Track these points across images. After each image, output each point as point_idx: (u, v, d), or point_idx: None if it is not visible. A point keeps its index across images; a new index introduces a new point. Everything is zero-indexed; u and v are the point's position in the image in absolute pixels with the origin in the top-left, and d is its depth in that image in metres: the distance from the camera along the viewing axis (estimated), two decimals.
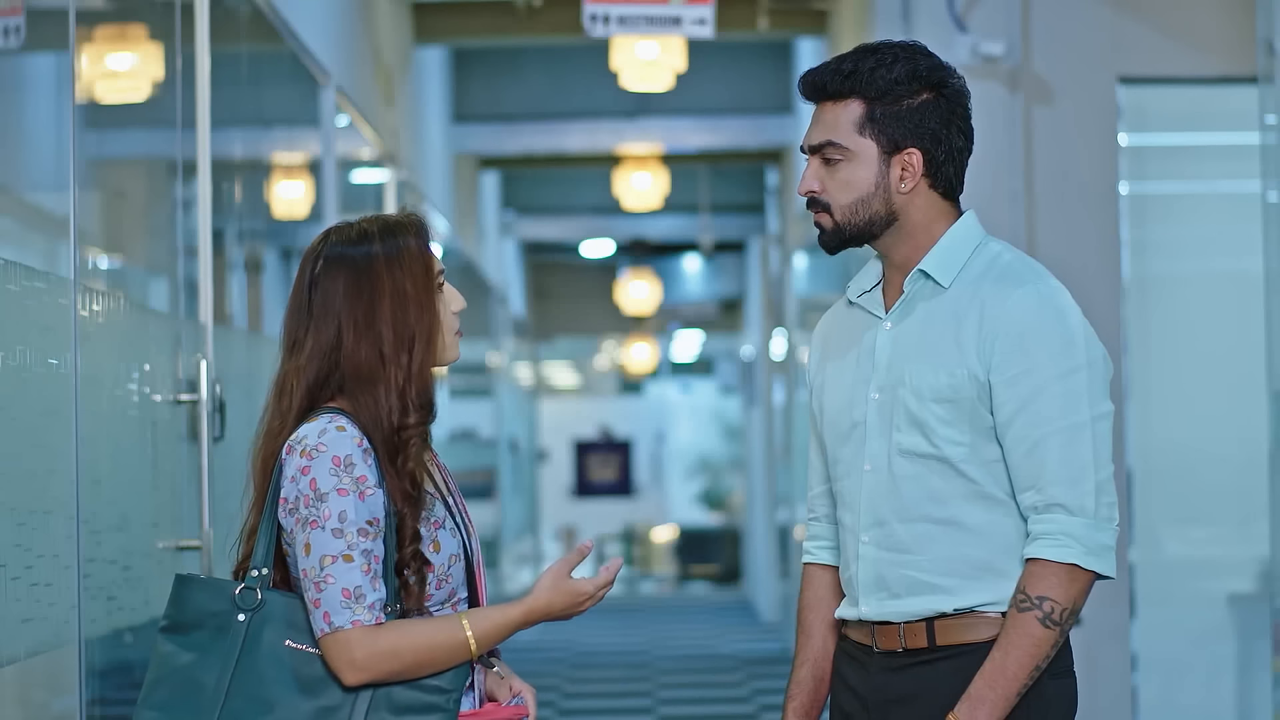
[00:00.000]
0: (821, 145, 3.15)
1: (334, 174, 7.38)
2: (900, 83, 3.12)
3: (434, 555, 3.01)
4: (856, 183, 3.14)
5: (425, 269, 3.06)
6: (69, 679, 4.11)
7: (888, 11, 7.82)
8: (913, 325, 3.16)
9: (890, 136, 3.13)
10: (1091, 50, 6.80)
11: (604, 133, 13.77)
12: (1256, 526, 6.45)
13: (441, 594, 3.04)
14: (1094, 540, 3.04)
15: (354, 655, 2.90)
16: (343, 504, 2.92)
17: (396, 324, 3.03)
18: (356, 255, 3.04)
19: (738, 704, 11.47)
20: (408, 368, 3.03)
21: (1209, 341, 7.15)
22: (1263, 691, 6.70)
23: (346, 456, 2.94)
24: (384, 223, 3.09)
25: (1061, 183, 6.78)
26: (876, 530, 3.16)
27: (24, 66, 4.31)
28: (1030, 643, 3.03)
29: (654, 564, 25.84)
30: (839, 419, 3.23)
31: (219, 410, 4.94)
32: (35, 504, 3.89)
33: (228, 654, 2.94)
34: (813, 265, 12.92)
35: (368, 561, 2.92)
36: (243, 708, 2.92)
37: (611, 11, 7.70)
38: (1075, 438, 3.05)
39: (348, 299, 3.03)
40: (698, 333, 24.43)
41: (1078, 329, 3.09)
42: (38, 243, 4.45)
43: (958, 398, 3.09)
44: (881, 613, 3.15)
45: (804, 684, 3.34)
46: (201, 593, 2.98)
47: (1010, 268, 3.14)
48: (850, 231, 3.17)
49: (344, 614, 2.90)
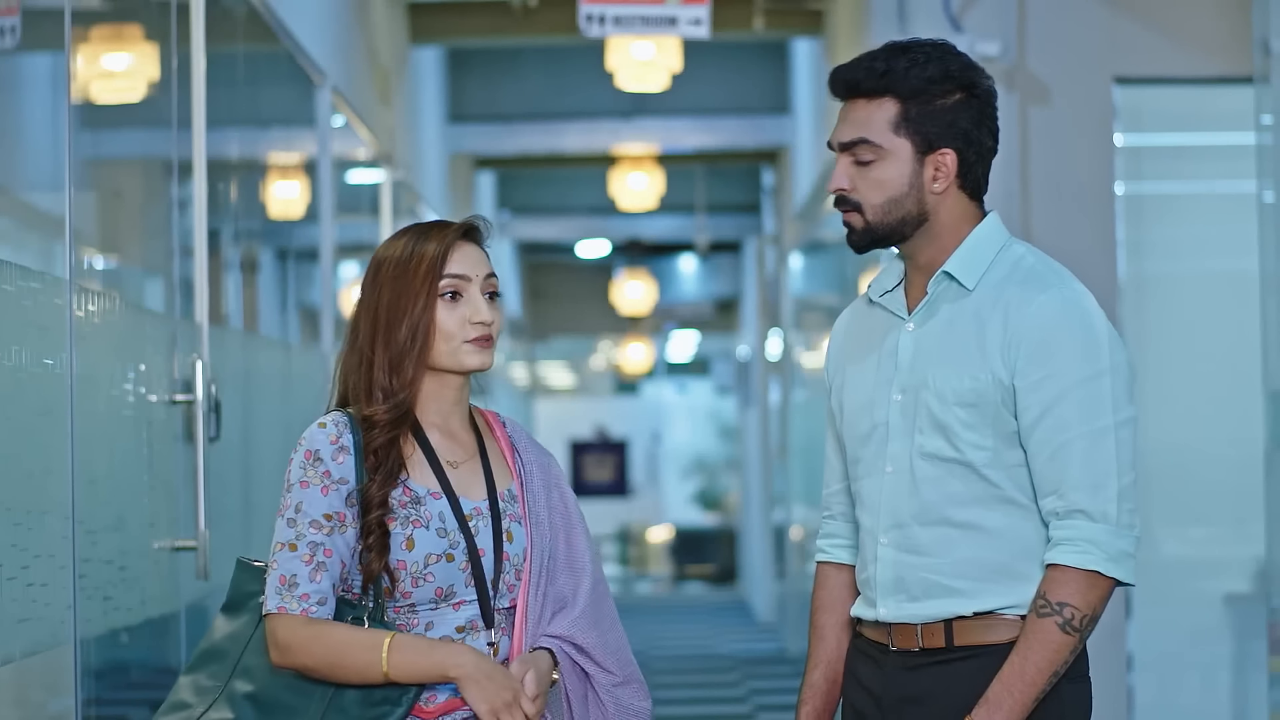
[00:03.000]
0: (854, 143, 3.14)
1: (330, 174, 7.38)
2: (934, 82, 3.10)
3: (406, 553, 3.06)
4: (890, 182, 3.12)
5: (429, 269, 3.13)
6: (65, 679, 4.10)
7: (884, 11, 7.82)
8: (936, 327, 3.14)
9: (925, 136, 3.11)
10: (1087, 50, 6.80)
11: (600, 133, 13.77)
12: (1252, 526, 6.44)
13: (424, 592, 3.07)
14: (1115, 547, 3.03)
15: (279, 639, 3.05)
16: (302, 496, 3.07)
17: (388, 320, 3.13)
18: (381, 255, 3.18)
19: (734, 704, 11.47)
20: (384, 363, 3.12)
21: (1205, 342, 7.15)
22: (1258, 691, 6.70)
23: (316, 451, 3.08)
24: (428, 227, 3.19)
25: (1057, 183, 6.78)
26: (896, 532, 3.14)
27: (19, 66, 4.30)
28: (1049, 648, 3.02)
29: (650, 564, 25.85)
30: (859, 419, 3.21)
31: (214, 410, 4.93)
32: (31, 504, 3.89)
33: (246, 630, 3.14)
34: (808, 265, 12.91)
35: (312, 553, 3.04)
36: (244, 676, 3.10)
37: (607, 12, 7.70)
38: (1098, 443, 3.04)
39: (365, 295, 3.18)
40: (693, 333, 24.44)
41: (1102, 333, 3.07)
42: (33, 243, 4.44)
43: (981, 402, 3.07)
44: (899, 615, 3.14)
45: (817, 687, 3.32)
46: (247, 575, 3.17)
47: (1034, 271, 3.13)
48: (881, 231, 3.15)
49: (274, 599, 3.05)
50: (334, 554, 3.05)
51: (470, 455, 3.20)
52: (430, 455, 3.15)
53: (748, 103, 13.69)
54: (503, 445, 3.26)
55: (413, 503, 3.10)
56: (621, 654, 3.23)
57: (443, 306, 3.14)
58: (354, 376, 3.15)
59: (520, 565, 3.16)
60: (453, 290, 3.14)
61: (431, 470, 3.13)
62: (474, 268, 3.16)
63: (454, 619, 3.10)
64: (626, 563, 26.34)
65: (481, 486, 3.17)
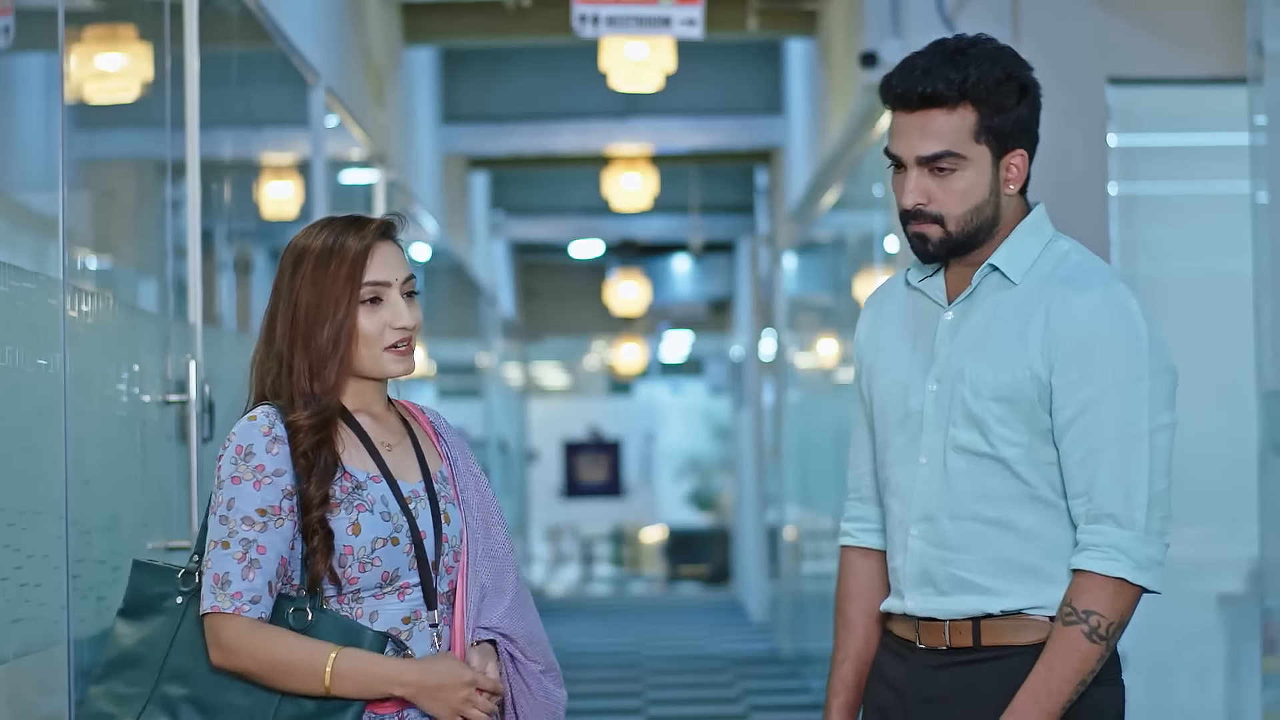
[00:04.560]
0: (939, 155, 3.07)
1: (323, 174, 7.37)
2: (1002, 83, 3.07)
3: (352, 538, 3.04)
4: (972, 191, 3.08)
5: (350, 272, 3.09)
6: (58, 679, 4.10)
7: (877, 12, 7.82)
8: (977, 319, 3.11)
9: (1001, 140, 3.08)
10: (1081, 51, 6.80)
11: (593, 133, 13.77)
12: (1246, 527, 6.45)
13: (370, 578, 3.05)
14: (1143, 554, 3.01)
15: (218, 639, 3.00)
16: (233, 492, 3.02)
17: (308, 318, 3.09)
18: (299, 245, 3.12)
19: (727, 704, 11.47)
20: (305, 366, 3.08)
21: (1198, 342, 7.15)
22: (1252, 692, 6.70)
23: (248, 446, 3.04)
24: (346, 221, 3.14)
25: (1051, 183, 6.78)
26: (926, 525, 3.11)
27: (13, 67, 4.30)
28: (1076, 658, 2.99)
29: (643, 564, 25.84)
30: (891, 405, 3.17)
31: (208, 411, 4.93)
32: (24, 504, 3.89)
33: (166, 632, 3.06)
34: (802, 266, 12.91)
35: (245, 550, 2.99)
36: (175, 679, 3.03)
37: (601, 12, 7.70)
38: (1132, 449, 3.01)
39: (283, 285, 3.12)
40: (687, 333, 24.43)
41: (1144, 336, 3.04)
42: (26, 243, 4.44)
43: (1017, 398, 3.04)
44: (927, 608, 3.11)
45: (847, 679, 3.27)
46: (151, 577, 3.11)
47: (1079, 268, 3.10)
48: (961, 239, 3.10)
49: (209, 599, 3.00)
50: (268, 550, 3.00)
51: (400, 438, 3.19)
52: (364, 439, 3.13)
53: (741, 103, 13.69)
54: (428, 430, 3.24)
55: (355, 489, 3.07)
56: (543, 643, 3.23)
57: (364, 311, 3.10)
58: (271, 377, 3.11)
59: (458, 547, 3.15)
60: (374, 295, 3.11)
61: (368, 453, 3.12)
62: (394, 271, 3.12)
63: (399, 609, 3.08)
64: (620, 563, 26.33)
65: (416, 469, 3.16)
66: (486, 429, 16.52)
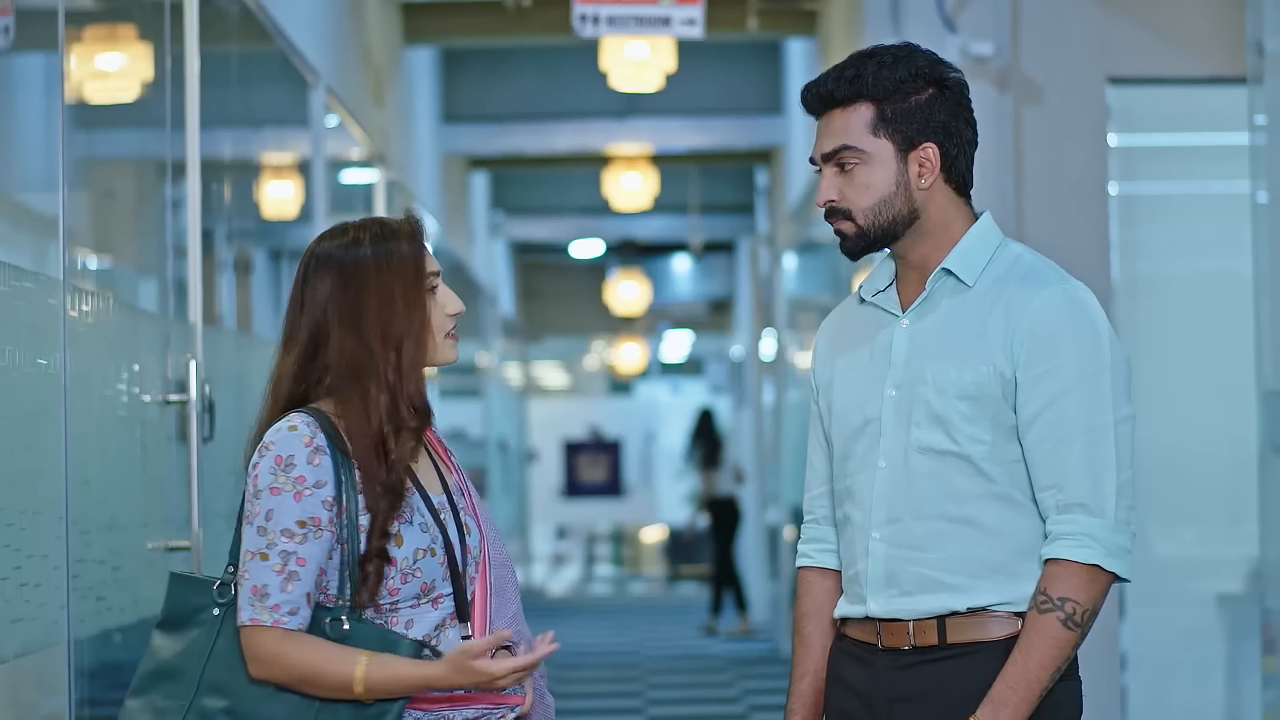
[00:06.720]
0: (836, 151, 3.14)
1: (323, 174, 7.37)
2: (905, 81, 3.12)
3: (395, 550, 3.03)
4: (876, 184, 3.14)
5: (416, 271, 3.10)
6: (58, 679, 4.10)
7: (877, 12, 7.82)
8: (934, 323, 3.15)
9: (904, 134, 3.13)
10: (1081, 51, 6.80)
11: (594, 133, 13.77)
12: (1246, 527, 6.45)
13: (410, 589, 3.05)
14: (1113, 542, 3.04)
15: (256, 652, 2.99)
16: (272, 503, 2.98)
17: (384, 324, 3.07)
18: (344, 256, 3.09)
19: (727, 704, 11.47)
20: (397, 367, 3.06)
21: (1198, 342, 7.16)
22: (1252, 691, 6.70)
23: (289, 456, 3.00)
24: (378, 225, 3.14)
25: (1051, 183, 6.79)
26: (889, 527, 3.14)
27: (13, 66, 4.30)
28: (1052, 645, 3.02)
29: (643, 564, 25.84)
30: (850, 415, 3.21)
31: (208, 410, 4.93)
32: (24, 504, 3.89)
33: (203, 644, 3.04)
34: (802, 266, 12.92)
35: (284, 562, 2.97)
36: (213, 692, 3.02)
37: (601, 12, 7.70)
38: (1099, 439, 3.05)
39: (334, 298, 3.08)
40: (687, 333, 24.44)
41: (1103, 331, 3.09)
42: (27, 243, 4.44)
43: (982, 395, 3.08)
44: (891, 610, 3.13)
45: (805, 696, 3.30)
46: (188, 589, 3.09)
47: (1034, 268, 3.15)
48: (874, 234, 3.16)
49: (247, 610, 2.98)
50: (308, 562, 2.98)
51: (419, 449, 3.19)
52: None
53: (741, 103, 13.69)
54: (433, 440, 3.24)
55: None
56: None
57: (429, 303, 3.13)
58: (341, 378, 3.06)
59: (478, 558, 3.16)
60: (433, 286, 3.14)
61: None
62: (434, 262, 3.16)
63: (433, 616, 3.08)
64: (620, 563, 26.33)
65: (436, 480, 3.16)
66: (486, 429, 16.53)
